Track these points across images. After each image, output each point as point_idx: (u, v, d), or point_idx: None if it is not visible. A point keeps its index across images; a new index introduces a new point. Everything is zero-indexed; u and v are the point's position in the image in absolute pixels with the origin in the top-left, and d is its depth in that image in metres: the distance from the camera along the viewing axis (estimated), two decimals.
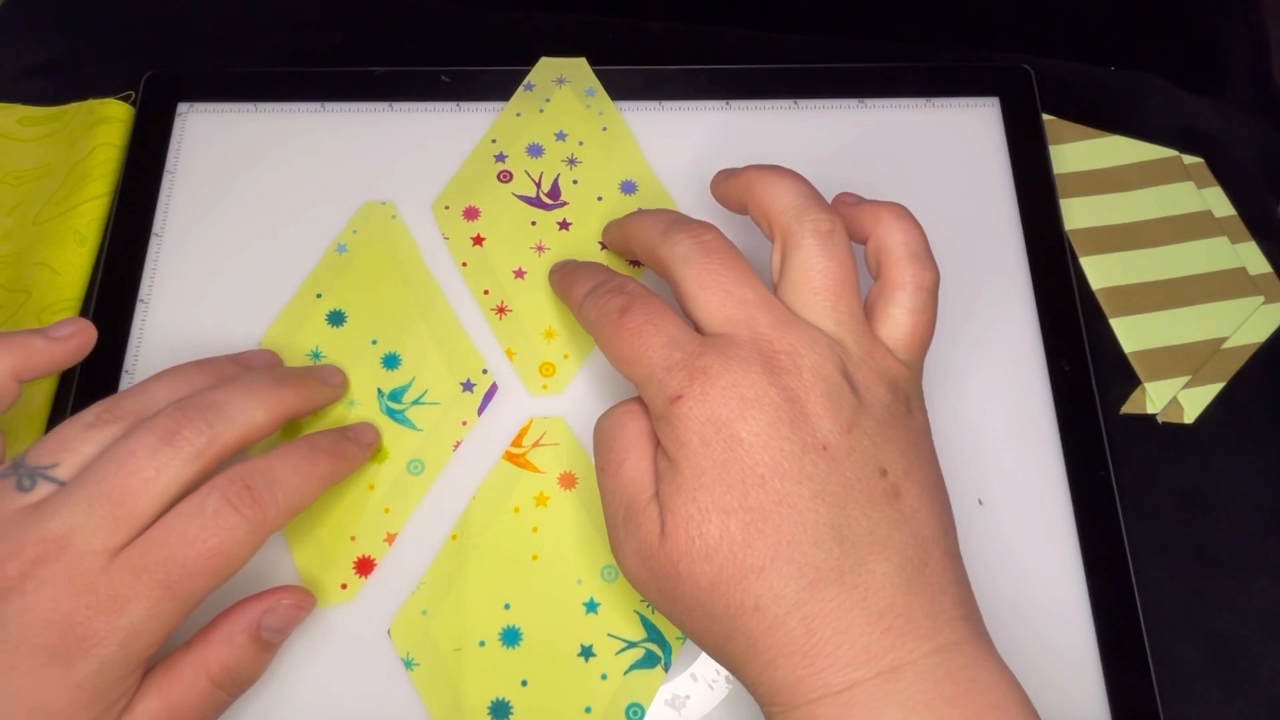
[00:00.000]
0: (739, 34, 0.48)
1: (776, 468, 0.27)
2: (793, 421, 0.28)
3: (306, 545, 0.37)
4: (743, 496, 0.27)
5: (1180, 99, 0.46)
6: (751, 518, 0.27)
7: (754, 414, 0.27)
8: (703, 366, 0.28)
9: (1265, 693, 0.35)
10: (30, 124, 0.46)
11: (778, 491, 0.27)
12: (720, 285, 0.30)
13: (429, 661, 0.35)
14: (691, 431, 0.28)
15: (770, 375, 0.28)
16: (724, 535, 0.27)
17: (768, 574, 0.27)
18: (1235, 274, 0.42)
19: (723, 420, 0.28)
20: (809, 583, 0.27)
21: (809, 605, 0.26)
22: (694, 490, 0.27)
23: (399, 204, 0.43)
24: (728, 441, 0.27)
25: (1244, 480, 0.38)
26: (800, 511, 0.27)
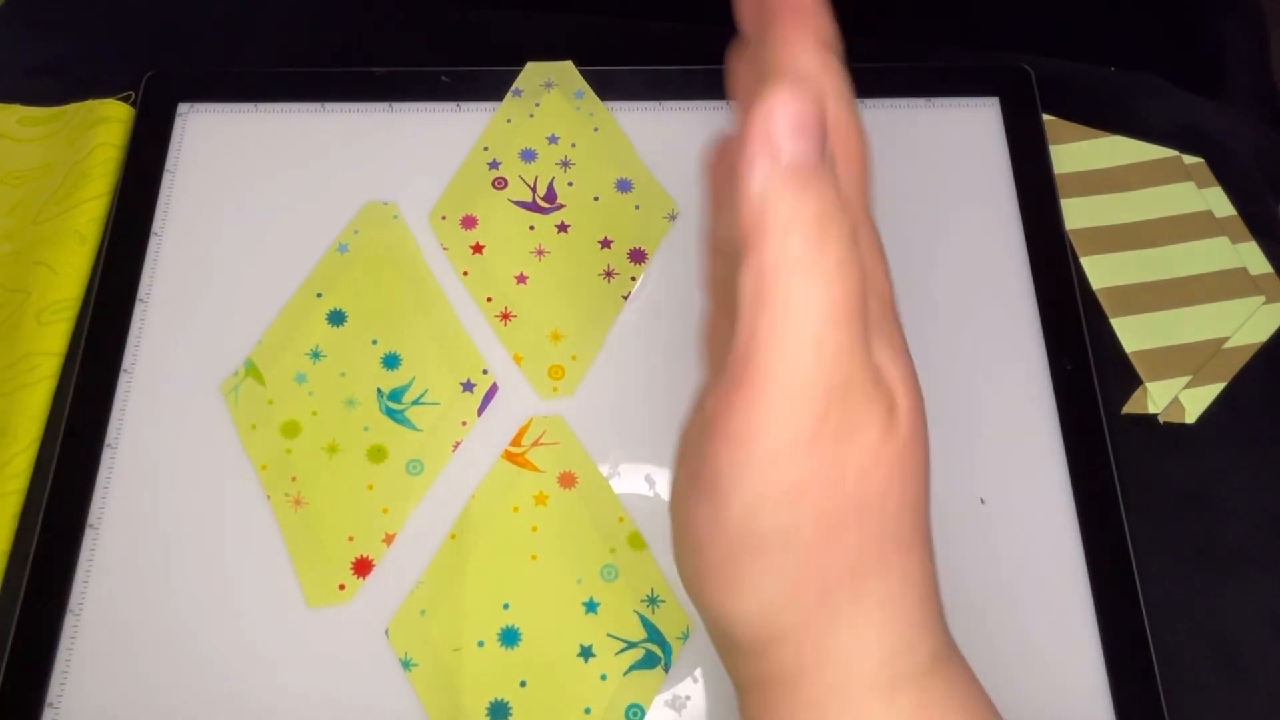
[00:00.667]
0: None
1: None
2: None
3: (304, 546, 0.36)
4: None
5: (1180, 99, 0.46)
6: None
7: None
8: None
9: (1269, 690, 0.35)
10: (30, 124, 0.46)
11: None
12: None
13: (427, 662, 0.35)
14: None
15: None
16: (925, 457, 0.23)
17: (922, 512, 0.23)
18: (1236, 274, 0.42)
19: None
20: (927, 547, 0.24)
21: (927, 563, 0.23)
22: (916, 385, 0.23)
23: (399, 204, 0.43)
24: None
25: (1245, 480, 0.38)
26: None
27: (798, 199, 0.20)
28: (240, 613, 0.36)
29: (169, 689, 0.35)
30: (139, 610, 0.36)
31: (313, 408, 0.39)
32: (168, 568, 0.36)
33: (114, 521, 0.37)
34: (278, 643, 0.35)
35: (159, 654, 0.35)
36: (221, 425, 0.39)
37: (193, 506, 0.37)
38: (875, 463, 0.21)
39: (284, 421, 0.38)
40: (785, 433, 0.20)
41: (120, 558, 0.37)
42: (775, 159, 0.20)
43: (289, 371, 0.39)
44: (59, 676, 0.35)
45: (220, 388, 0.39)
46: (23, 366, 0.40)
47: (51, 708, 0.34)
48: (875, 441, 0.21)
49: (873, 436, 0.21)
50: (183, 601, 0.36)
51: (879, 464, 0.21)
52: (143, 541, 0.37)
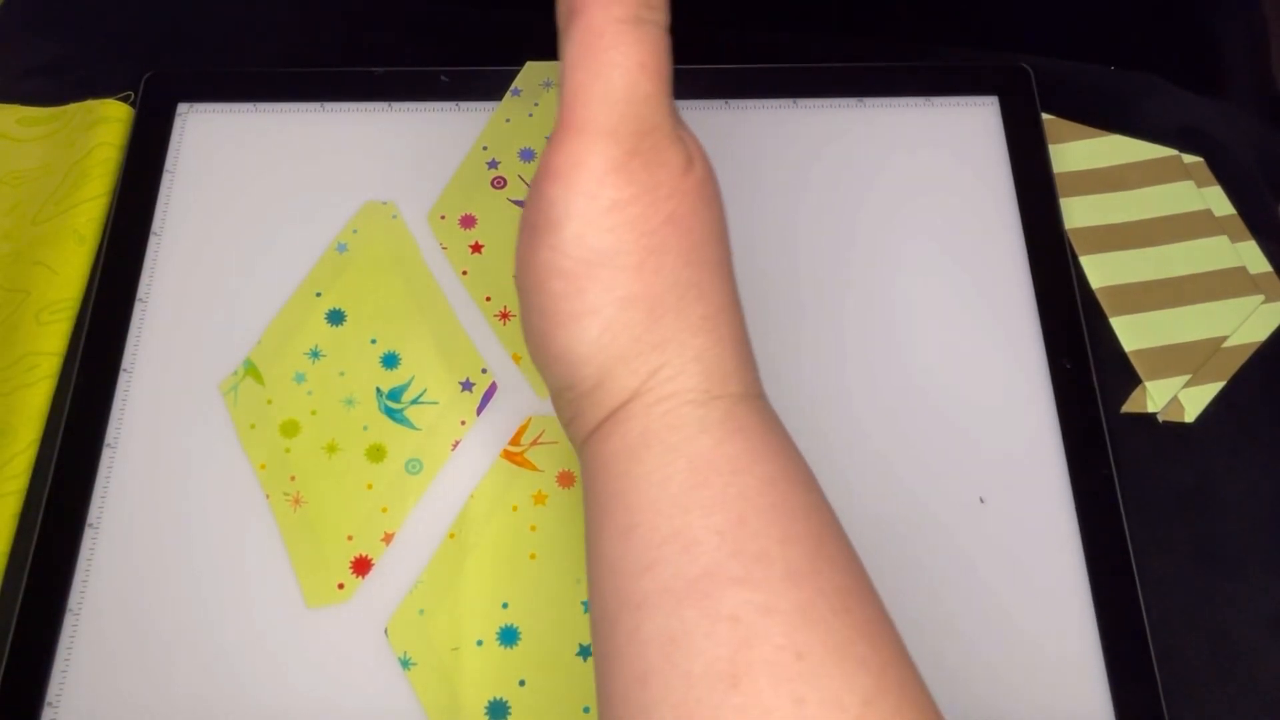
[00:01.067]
0: (739, 34, 0.48)
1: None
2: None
3: (303, 545, 0.36)
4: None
5: (1180, 99, 0.46)
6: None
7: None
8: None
9: (1269, 690, 0.35)
10: (29, 124, 0.46)
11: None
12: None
13: (426, 661, 0.35)
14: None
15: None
16: (720, 215, 0.27)
17: (729, 254, 0.28)
18: (1235, 273, 0.42)
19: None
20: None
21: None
22: (704, 159, 0.27)
23: (398, 203, 0.43)
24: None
25: (1245, 479, 0.38)
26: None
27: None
28: (239, 612, 0.36)
29: (168, 689, 0.35)
30: (138, 610, 0.36)
31: (312, 407, 0.39)
32: (167, 567, 0.36)
33: (113, 521, 0.37)
34: (277, 642, 0.35)
35: (158, 653, 0.35)
36: (221, 425, 0.39)
37: (192, 506, 0.37)
38: (682, 190, 0.25)
39: (283, 421, 0.38)
40: (605, 159, 0.24)
41: (119, 557, 0.37)
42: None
43: (288, 371, 0.39)
44: (58, 676, 0.35)
45: (219, 387, 0.39)
46: (22, 366, 0.40)
47: (51, 707, 0.34)
48: (679, 172, 0.25)
49: (677, 169, 0.25)
50: (182, 601, 0.36)
51: (685, 191, 0.25)
52: (142, 541, 0.37)
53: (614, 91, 0.24)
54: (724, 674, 0.22)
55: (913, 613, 0.35)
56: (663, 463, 0.25)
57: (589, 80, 0.24)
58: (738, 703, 0.21)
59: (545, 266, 0.26)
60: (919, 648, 0.35)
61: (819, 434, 0.38)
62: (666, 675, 0.22)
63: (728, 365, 0.26)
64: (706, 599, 0.23)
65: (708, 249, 0.26)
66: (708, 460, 0.25)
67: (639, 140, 0.25)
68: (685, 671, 0.22)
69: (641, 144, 0.25)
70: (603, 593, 0.25)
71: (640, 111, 0.25)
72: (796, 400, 0.39)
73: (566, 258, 0.25)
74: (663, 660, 0.23)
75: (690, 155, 0.26)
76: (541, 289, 0.26)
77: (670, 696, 0.22)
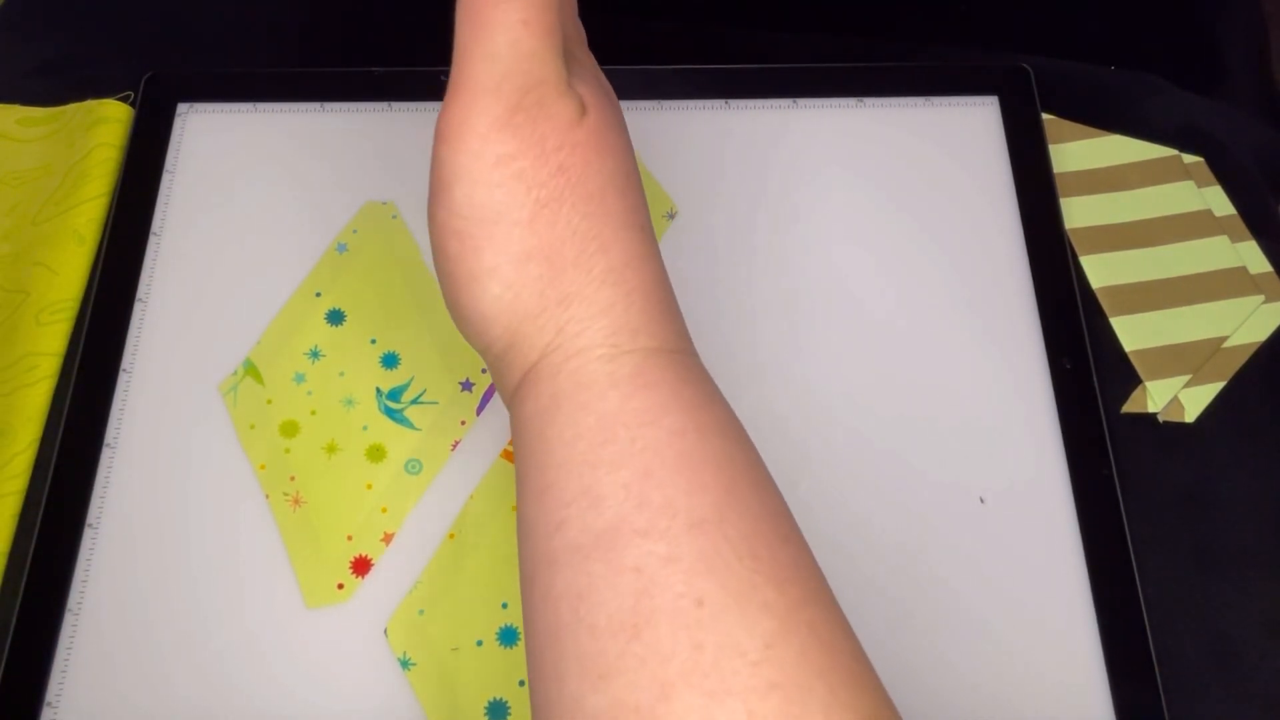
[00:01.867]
0: (738, 34, 0.48)
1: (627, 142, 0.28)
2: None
3: (303, 545, 0.36)
4: (628, 140, 0.28)
5: (1180, 99, 0.46)
6: (629, 151, 0.28)
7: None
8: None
9: (1269, 690, 0.35)
10: (29, 124, 0.46)
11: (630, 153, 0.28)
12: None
13: (426, 661, 0.35)
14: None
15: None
16: (628, 152, 0.27)
17: (644, 205, 0.27)
18: (1235, 273, 0.42)
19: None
20: (651, 231, 0.28)
21: (658, 252, 0.27)
22: (610, 104, 0.27)
23: (398, 204, 0.43)
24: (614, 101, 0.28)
25: (1245, 478, 0.38)
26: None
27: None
28: (239, 612, 0.36)
29: (167, 688, 0.35)
30: (137, 610, 0.36)
31: (311, 407, 0.39)
32: (166, 567, 0.36)
33: (113, 521, 0.37)
34: (276, 642, 0.35)
35: (157, 653, 0.35)
36: (220, 425, 0.39)
37: (191, 506, 0.37)
38: (571, 142, 0.25)
39: (283, 421, 0.38)
40: (489, 117, 0.25)
41: (119, 557, 0.37)
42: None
43: (288, 371, 0.39)
44: (57, 676, 0.35)
45: (219, 387, 0.39)
46: (22, 367, 0.40)
47: (50, 707, 0.34)
48: (567, 125, 0.25)
49: (565, 121, 0.25)
50: (181, 601, 0.36)
51: (575, 145, 0.25)
52: (141, 541, 0.37)
53: (495, 49, 0.25)
54: (626, 624, 0.22)
55: (912, 613, 0.35)
56: (572, 420, 0.25)
57: (472, 39, 0.25)
58: (638, 651, 0.22)
59: (442, 228, 0.26)
60: (919, 647, 0.35)
61: (819, 434, 0.38)
62: (574, 630, 0.23)
63: (636, 319, 0.26)
64: (610, 551, 0.23)
65: (607, 199, 0.26)
66: (615, 416, 0.24)
67: (523, 95, 0.25)
68: (591, 625, 0.22)
69: (525, 99, 0.25)
70: (523, 556, 0.26)
71: (524, 67, 0.25)
72: (796, 401, 0.39)
73: (459, 218, 0.25)
74: (571, 616, 0.23)
75: (584, 105, 0.26)
76: (443, 251, 0.26)
77: (578, 649, 0.22)
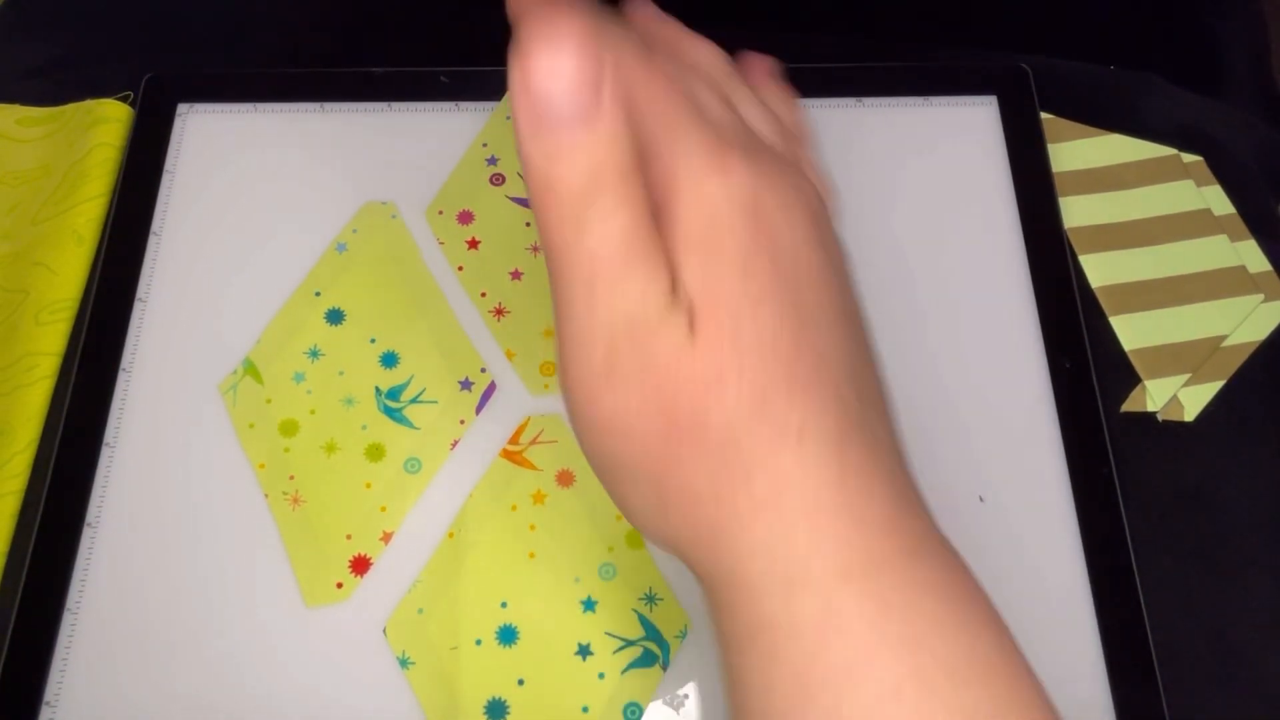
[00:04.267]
0: (739, 34, 0.48)
1: (813, 275, 0.23)
2: (821, 236, 0.24)
3: (302, 544, 0.36)
4: (794, 294, 0.22)
5: (1180, 98, 0.46)
6: (800, 322, 0.22)
7: (798, 214, 0.23)
8: (751, 148, 0.24)
9: (1269, 689, 0.35)
10: (29, 124, 0.46)
11: (815, 301, 0.23)
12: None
13: (425, 660, 0.35)
14: (737, 208, 0.22)
15: (799, 184, 0.24)
16: (780, 332, 0.22)
17: (814, 395, 0.22)
18: (1235, 272, 0.42)
19: (769, 208, 0.23)
20: (842, 420, 0.22)
21: (846, 449, 0.22)
22: (743, 275, 0.22)
23: (398, 204, 0.43)
24: (771, 233, 0.23)
25: (1245, 478, 0.38)
26: (832, 328, 0.23)
27: (553, 159, 0.21)
28: (238, 611, 0.36)
29: (166, 688, 0.35)
30: (137, 609, 0.36)
31: (311, 406, 0.39)
32: (166, 567, 0.36)
33: (112, 521, 0.37)
34: (275, 641, 0.35)
35: (156, 653, 0.35)
36: (220, 424, 0.39)
37: (191, 505, 0.37)
38: (681, 380, 0.22)
39: (282, 420, 0.38)
40: (585, 371, 0.22)
41: (118, 557, 0.37)
42: (534, 121, 0.21)
43: (287, 370, 0.39)
44: (56, 675, 0.35)
45: (218, 387, 0.39)
46: (21, 366, 0.40)
47: (49, 706, 0.34)
48: (674, 359, 0.22)
49: (671, 355, 0.22)
50: (180, 600, 0.36)
51: (687, 381, 0.22)
52: (140, 540, 0.37)
53: (576, 295, 0.22)
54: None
55: None
56: (763, 667, 0.21)
57: (553, 277, 0.23)
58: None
59: (587, 456, 0.24)
60: None
61: None
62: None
63: (802, 547, 0.21)
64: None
65: (736, 428, 0.22)
66: (808, 672, 0.21)
67: (613, 338, 0.22)
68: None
69: (618, 340, 0.22)
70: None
71: (607, 306, 0.22)
72: None
73: (591, 458, 0.24)
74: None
75: (692, 317, 0.22)
76: (598, 475, 0.24)
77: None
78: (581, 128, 0.21)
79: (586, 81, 0.21)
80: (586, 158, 0.21)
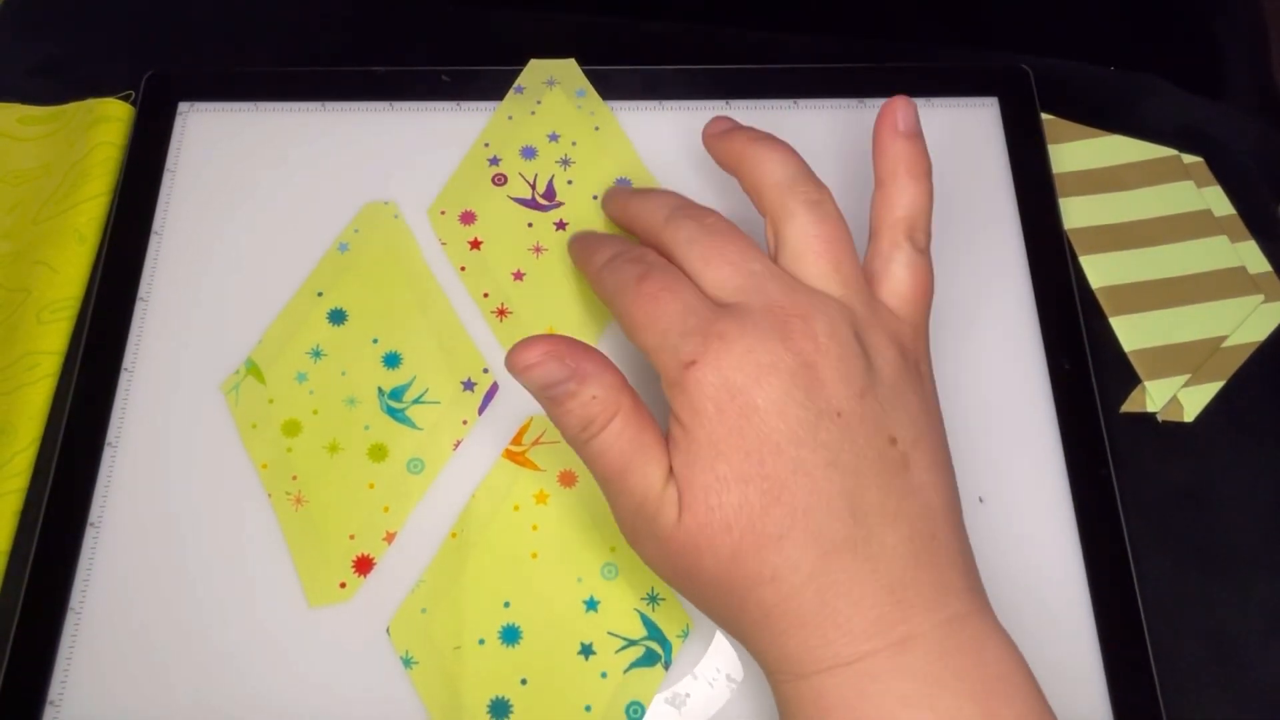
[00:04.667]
0: (738, 34, 0.48)
1: (792, 435, 0.27)
2: (807, 388, 0.28)
3: (305, 545, 0.37)
4: (760, 464, 0.27)
5: (1180, 99, 0.46)
6: (769, 485, 0.27)
7: (770, 380, 0.27)
8: (719, 332, 0.28)
9: (1266, 691, 0.35)
10: (30, 123, 0.46)
11: (793, 459, 0.27)
12: (727, 259, 0.30)
13: (428, 660, 0.35)
14: (706, 398, 0.28)
15: (785, 340, 0.28)
16: (743, 504, 0.27)
17: (785, 544, 0.27)
18: (1235, 273, 0.42)
19: (738, 386, 0.27)
20: (824, 553, 0.27)
21: (823, 576, 0.27)
22: (711, 459, 0.27)
23: (399, 203, 0.43)
24: (743, 408, 0.27)
25: (1244, 478, 0.38)
26: (815, 480, 0.27)
27: (555, 412, 0.31)
28: (241, 611, 0.36)
29: (170, 687, 0.35)
30: (140, 609, 0.36)
31: (313, 406, 0.39)
32: (168, 567, 0.36)
33: (115, 520, 0.37)
34: (279, 641, 0.35)
35: (160, 653, 0.35)
36: (222, 424, 0.39)
37: (193, 505, 0.37)
38: (674, 548, 0.29)
39: (285, 420, 0.39)
40: (623, 529, 0.31)
41: (121, 557, 0.37)
42: (535, 390, 0.31)
43: (290, 370, 0.39)
44: (60, 675, 0.35)
45: (221, 387, 0.39)
46: (23, 365, 0.40)
47: (53, 706, 0.35)
48: (668, 533, 0.28)
49: (666, 530, 0.28)
50: (183, 600, 0.36)
51: (679, 549, 0.28)
52: (143, 540, 0.37)
53: (597, 478, 0.31)
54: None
55: None
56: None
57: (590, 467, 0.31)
58: None
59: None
60: None
61: None
62: None
63: (795, 649, 0.27)
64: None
65: (721, 588, 0.28)
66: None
67: (635, 514, 0.30)
68: None
69: (636, 518, 0.30)
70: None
71: (622, 485, 0.30)
72: None
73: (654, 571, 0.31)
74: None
75: (679, 503, 0.28)
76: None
77: None
78: (563, 391, 0.29)
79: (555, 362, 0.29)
80: (577, 406, 0.29)
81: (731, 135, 0.35)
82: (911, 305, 0.31)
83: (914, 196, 0.33)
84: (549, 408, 0.30)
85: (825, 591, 0.27)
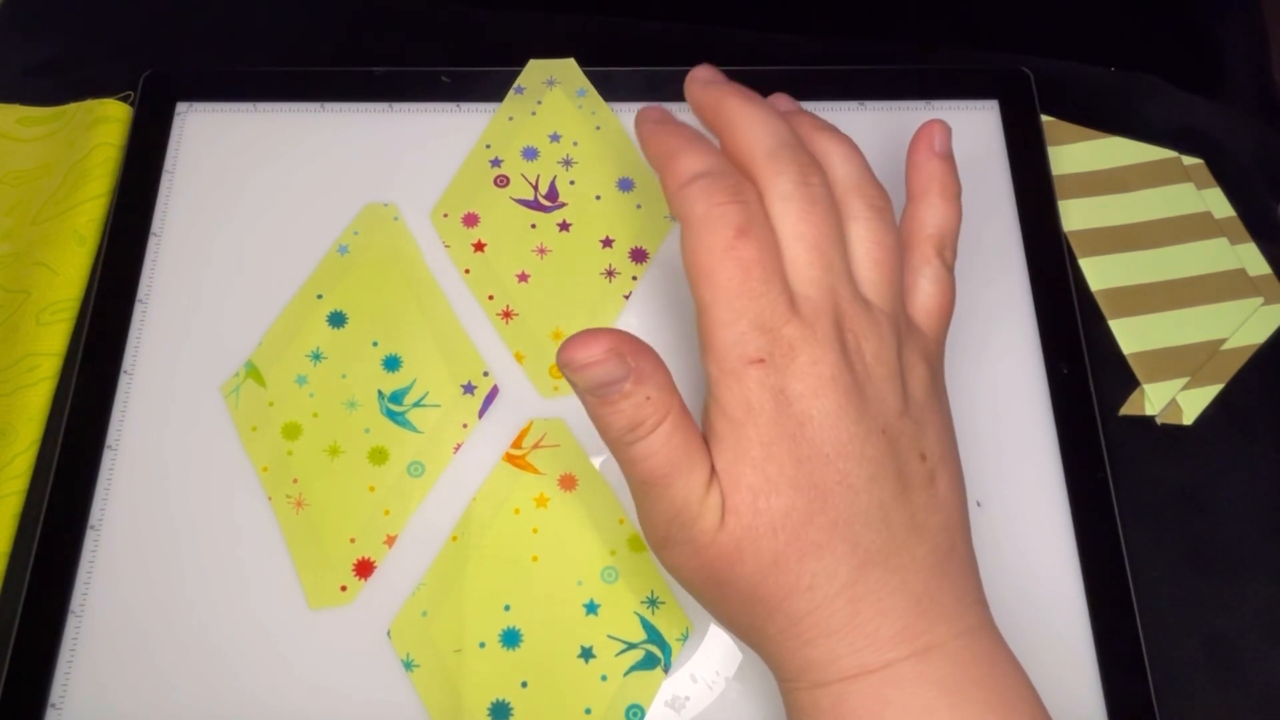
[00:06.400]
0: (739, 35, 0.48)
1: (841, 449, 0.27)
2: (860, 405, 0.28)
3: (306, 547, 0.37)
4: (810, 473, 0.27)
5: (1180, 99, 0.46)
6: (816, 494, 0.27)
7: (828, 393, 0.28)
8: (789, 337, 0.28)
9: (1262, 693, 0.35)
10: (29, 124, 0.46)
11: (840, 471, 0.27)
12: (815, 242, 0.29)
13: (429, 663, 0.35)
14: (766, 399, 0.27)
15: (844, 355, 0.28)
16: (791, 509, 0.27)
17: (825, 553, 0.27)
18: (1234, 275, 0.42)
19: (797, 394, 0.27)
20: (859, 564, 0.27)
21: (857, 586, 0.27)
22: (761, 460, 0.27)
23: (399, 205, 0.43)
24: (799, 416, 0.27)
25: (1242, 481, 0.39)
26: (857, 493, 0.27)
27: (600, 411, 0.29)
28: (242, 614, 0.36)
29: (170, 690, 0.35)
30: (140, 611, 0.36)
31: (314, 409, 0.39)
32: (169, 569, 0.37)
33: (115, 523, 0.37)
34: (279, 644, 0.35)
35: (161, 655, 0.35)
36: (222, 427, 0.39)
37: (194, 508, 0.37)
38: (713, 553, 0.28)
39: (285, 423, 0.39)
40: (651, 538, 0.30)
41: (121, 559, 0.37)
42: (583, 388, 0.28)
43: (290, 373, 0.39)
44: (61, 677, 0.35)
45: (220, 389, 0.39)
46: (22, 367, 0.40)
47: (54, 708, 0.35)
48: (707, 539, 0.28)
49: (706, 536, 0.28)
50: (184, 603, 0.36)
51: (718, 554, 0.28)
52: (144, 543, 0.37)
53: (631, 482, 0.30)
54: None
55: None
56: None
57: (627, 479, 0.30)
58: None
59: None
60: None
61: None
62: None
63: (819, 657, 0.28)
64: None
65: (758, 595, 0.28)
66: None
67: (668, 525, 0.29)
68: None
69: (670, 529, 0.29)
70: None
71: (657, 493, 0.29)
72: None
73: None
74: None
75: (723, 508, 0.28)
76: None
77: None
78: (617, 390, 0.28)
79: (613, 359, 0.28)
80: (630, 407, 0.28)
81: (719, 86, 0.33)
82: (935, 320, 0.32)
83: (945, 215, 0.33)
84: (595, 406, 0.28)
85: (857, 601, 0.27)
